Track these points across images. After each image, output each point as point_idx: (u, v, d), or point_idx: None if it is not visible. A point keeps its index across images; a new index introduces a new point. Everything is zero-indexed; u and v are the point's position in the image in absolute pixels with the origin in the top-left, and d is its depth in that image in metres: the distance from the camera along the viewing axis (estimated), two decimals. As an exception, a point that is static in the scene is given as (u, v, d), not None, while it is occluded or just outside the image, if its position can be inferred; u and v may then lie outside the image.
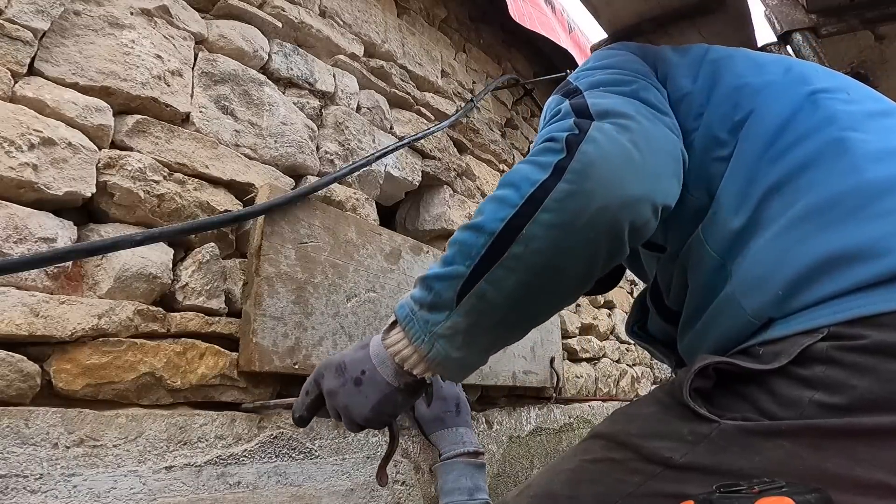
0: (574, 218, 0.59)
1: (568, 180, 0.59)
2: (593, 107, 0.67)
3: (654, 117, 0.68)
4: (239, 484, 0.98)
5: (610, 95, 0.69)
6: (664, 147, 0.67)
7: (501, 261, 0.61)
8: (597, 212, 0.59)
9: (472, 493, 1.14)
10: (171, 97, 1.10)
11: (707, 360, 0.60)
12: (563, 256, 0.61)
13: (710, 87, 0.76)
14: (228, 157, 1.18)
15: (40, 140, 0.90)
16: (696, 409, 0.59)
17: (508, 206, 0.61)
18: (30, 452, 0.78)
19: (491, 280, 0.61)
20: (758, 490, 0.43)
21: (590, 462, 0.66)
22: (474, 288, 0.62)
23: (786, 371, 0.56)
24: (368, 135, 1.55)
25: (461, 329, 0.64)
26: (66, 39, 0.98)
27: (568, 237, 0.60)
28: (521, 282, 0.62)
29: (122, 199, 0.99)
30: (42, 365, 0.85)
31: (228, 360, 1.05)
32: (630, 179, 0.60)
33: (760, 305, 0.61)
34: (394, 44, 1.78)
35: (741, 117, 0.71)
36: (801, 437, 0.54)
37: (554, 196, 0.59)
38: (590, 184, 0.59)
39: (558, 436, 1.92)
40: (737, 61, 0.78)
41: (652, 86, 0.76)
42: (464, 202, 1.88)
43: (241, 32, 1.28)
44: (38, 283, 0.87)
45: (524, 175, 0.63)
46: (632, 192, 0.60)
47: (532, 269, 0.61)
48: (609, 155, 0.60)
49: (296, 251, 1.15)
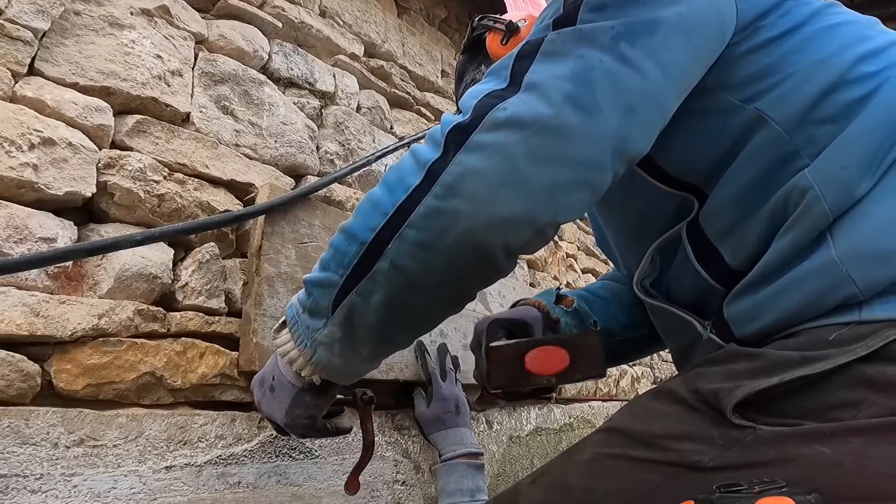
0: (437, 238, 0.55)
1: (436, 194, 0.54)
2: (533, 72, 0.57)
3: (608, 98, 0.55)
4: (239, 484, 0.98)
5: (570, 47, 0.57)
6: (578, 150, 0.55)
7: (370, 274, 0.57)
8: (461, 233, 0.54)
9: (474, 495, 1.14)
10: (171, 97, 1.10)
11: (758, 385, 0.55)
12: (428, 276, 0.57)
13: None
14: (229, 157, 1.18)
15: (40, 140, 0.90)
16: (733, 420, 0.55)
17: (379, 215, 0.57)
18: (30, 452, 0.78)
19: (360, 293, 0.58)
20: (758, 490, 0.43)
21: (607, 456, 0.63)
22: (346, 299, 0.59)
23: (849, 370, 0.52)
24: (368, 135, 1.55)
25: (338, 338, 0.62)
26: (67, 39, 0.99)
27: (432, 258, 0.56)
28: (387, 298, 0.58)
29: (122, 199, 0.99)
30: (42, 365, 0.85)
31: (229, 359, 1.05)
32: (504, 197, 0.53)
33: (878, 280, 0.54)
34: (394, 44, 1.78)
35: (887, 55, 0.60)
36: (845, 441, 0.50)
37: (420, 211, 0.55)
38: (456, 201, 0.53)
39: (558, 436, 1.92)
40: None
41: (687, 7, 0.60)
42: (464, 202, 1.88)
43: (241, 32, 1.28)
44: (38, 282, 0.87)
45: (402, 174, 0.58)
46: (506, 213, 0.53)
47: (397, 287, 0.58)
48: (487, 170, 0.53)
49: (296, 251, 1.15)
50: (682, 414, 0.61)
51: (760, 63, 0.63)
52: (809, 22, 0.64)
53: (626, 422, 0.66)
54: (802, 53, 0.62)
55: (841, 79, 0.60)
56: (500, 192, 0.53)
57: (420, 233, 0.55)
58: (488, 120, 0.54)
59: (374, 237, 0.57)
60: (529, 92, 0.56)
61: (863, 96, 0.59)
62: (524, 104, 0.55)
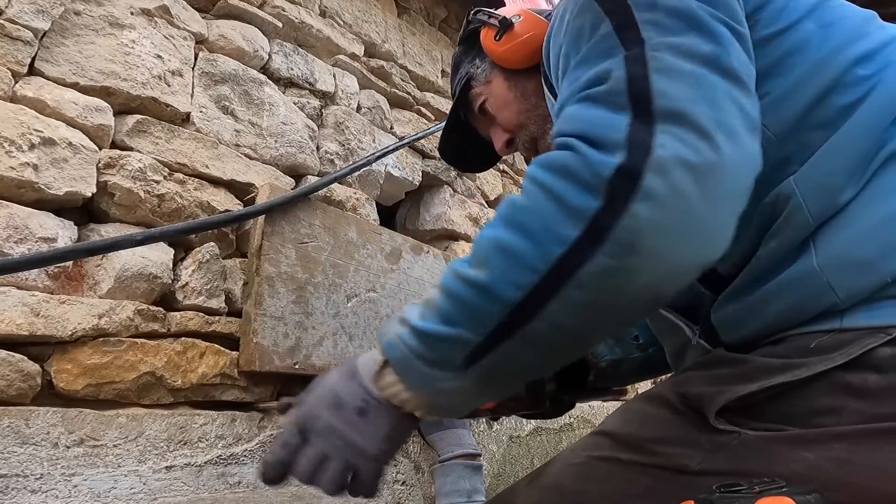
0: (612, 297, 0.50)
1: (609, 253, 0.48)
2: (658, 95, 0.50)
3: (739, 121, 0.52)
4: (239, 483, 0.98)
5: (683, 65, 0.52)
6: (741, 181, 0.52)
7: (519, 334, 0.52)
8: (640, 290, 0.50)
9: (471, 495, 1.15)
10: (171, 97, 1.10)
11: (739, 391, 0.55)
12: (593, 330, 0.54)
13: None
14: (229, 156, 1.18)
15: (41, 140, 0.90)
16: (716, 425, 0.55)
17: (526, 271, 0.51)
18: (30, 452, 0.78)
19: (506, 352, 0.54)
20: (758, 490, 0.43)
21: (597, 459, 0.64)
22: (486, 358, 0.55)
23: (829, 377, 0.52)
24: (368, 135, 1.55)
25: (469, 389, 0.58)
26: (67, 39, 0.99)
27: (605, 314, 0.52)
28: (540, 355, 0.55)
29: (122, 199, 0.99)
30: (42, 365, 0.85)
31: (229, 359, 1.05)
32: (685, 247, 0.49)
33: (858, 289, 0.53)
34: (394, 44, 1.78)
35: (882, 57, 0.58)
36: (828, 447, 0.50)
37: (588, 271, 0.49)
38: (635, 260, 0.48)
39: (558, 435, 1.93)
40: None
41: (735, 13, 0.57)
42: (464, 202, 1.88)
43: (241, 32, 1.28)
44: (38, 282, 0.87)
45: (547, 222, 0.50)
46: (685, 262, 0.50)
47: (554, 343, 0.54)
48: (666, 221, 0.48)
49: (296, 251, 1.15)
50: (670, 418, 0.62)
51: (759, 63, 0.62)
52: (807, 18, 0.62)
53: (617, 425, 0.67)
54: (799, 55, 0.60)
55: (836, 82, 0.59)
56: (680, 243, 0.49)
57: (591, 293, 0.50)
58: (654, 162, 0.48)
59: (524, 297, 0.51)
60: (679, 125, 0.50)
61: (854, 101, 0.58)
62: (682, 143, 0.49)
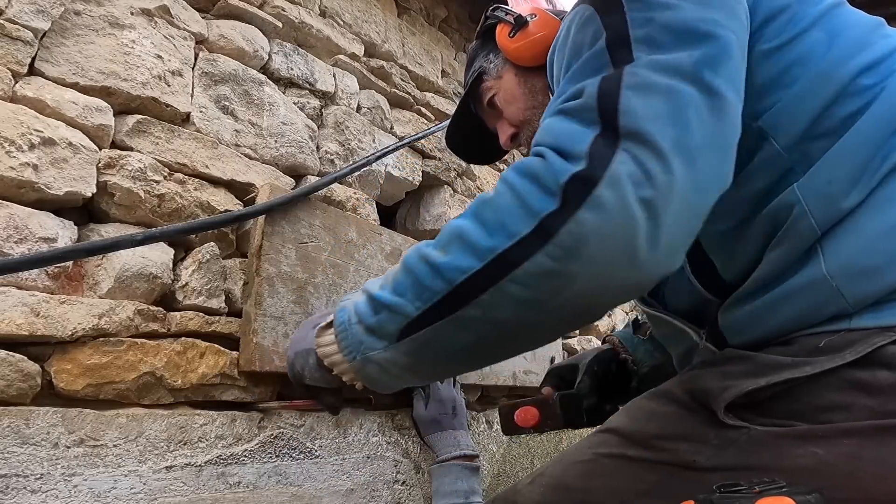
0: (546, 298, 0.51)
1: (551, 255, 0.49)
2: (622, 114, 0.50)
3: (705, 140, 0.51)
4: (239, 484, 0.98)
5: (659, 81, 0.52)
6: (694, 204, 0.51)
7: (454, 317, 0.53)
8: (574, 296, 0.50)
9: (468, 496, 1.15)
10: (171, 97, 1.10)
11: (747, 386, 0.55)
12: (524, 330, 0.54)
13: (832, 5, 0.63)
14: (229, 156, 1.18)
15: (41, 140, 0.90)
16: (725, 420, 0.55)
17: (473, 257, 0.52)
18: (30, 452, 0.78)
19: (439, 332, 0.55)
20: (758, 490, 0.43)
21: (604, 456, 0.64)
22: (418, 334, 0.56)
23: (838, 374, 0.52)
24: (369, 135, 1.55)
25: (398, 363, 0.60)
26: (67, 39, 0.99)
27: (535, 315, 0.52)
28: (471, 343, 0.56)
29: (122, 199, 0.99)
30: (42, 365, 0.85)
31: (229, 359, 1.05)
32: (624, 260, 0.49)
33: (866, 294, 0.54)
34: (394, 44, 1.78)
35: (886, 66, 0.58)
36: (838, 443, 0.50)
37: (528, 268, 0.49)
38: (575, 266, 0.49)
39: (559, 435, 1.92)
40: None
41: (736, 26, 0.57)
42: (464, 202, 1.88)
43: (241, 32, 1.28)
44: (38, 282, 0.87)
45: (503, 216, 0.52)
46: (623, 276, 0.50)
47: (484, 334, 0.55)
48: (610, 232, 0.48)
49: (296, 251, 1.15)
50: (677, 414, 0.62)
51: (766, 74, 0.61)
52: (814, 27, 0.62)
53: (624, 422, 0.67)
54: (804, 66, 0.60)
55: (840, 93, 0.59)
56: (622, 258, 0.49)
57: (526, 290, 0.51)
58: (609, 175, 0.48)
59: (464, 280, 0.52)
60: (638, 145, 0.50)
61: (857, 110, 0.58)
62: (637, 164, 0.49)
